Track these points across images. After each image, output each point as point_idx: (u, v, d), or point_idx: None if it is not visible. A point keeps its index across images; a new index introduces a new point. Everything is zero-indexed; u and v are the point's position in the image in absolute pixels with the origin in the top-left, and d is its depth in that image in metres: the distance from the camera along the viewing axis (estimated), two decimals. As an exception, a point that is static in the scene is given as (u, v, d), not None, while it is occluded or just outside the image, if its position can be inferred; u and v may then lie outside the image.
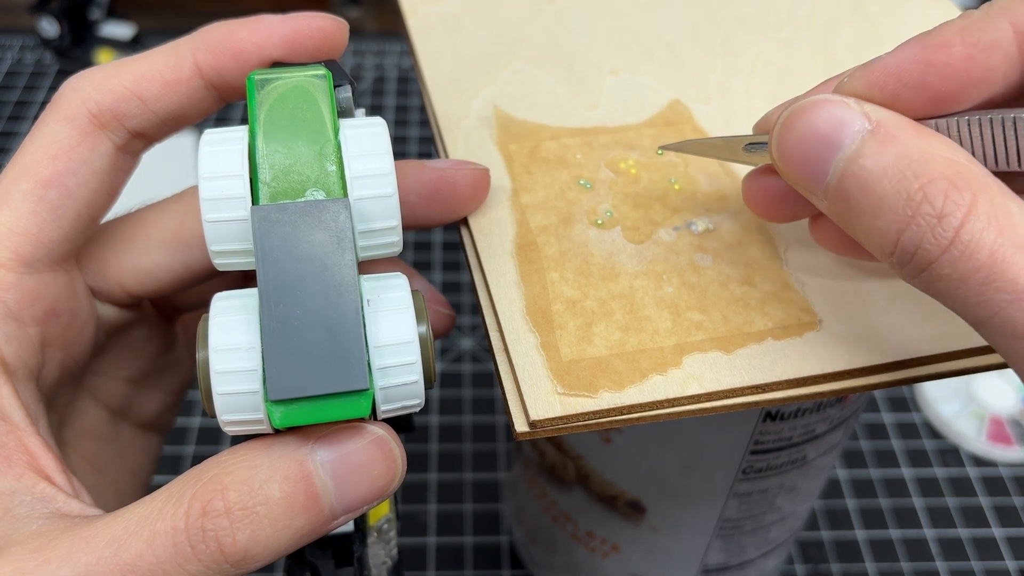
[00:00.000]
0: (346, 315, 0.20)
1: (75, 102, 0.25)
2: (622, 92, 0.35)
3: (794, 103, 0.22)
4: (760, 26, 0.38)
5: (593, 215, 0.30)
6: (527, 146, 0.32)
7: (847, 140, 0.20)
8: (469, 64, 0.36)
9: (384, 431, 0.22)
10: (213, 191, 0.22)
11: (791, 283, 0.27)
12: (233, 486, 0.20)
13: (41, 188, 0.24)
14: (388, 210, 0.23)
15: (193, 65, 0.25)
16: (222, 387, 0.20)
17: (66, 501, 0.22)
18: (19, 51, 0.80)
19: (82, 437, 0.29)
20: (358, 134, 0.23)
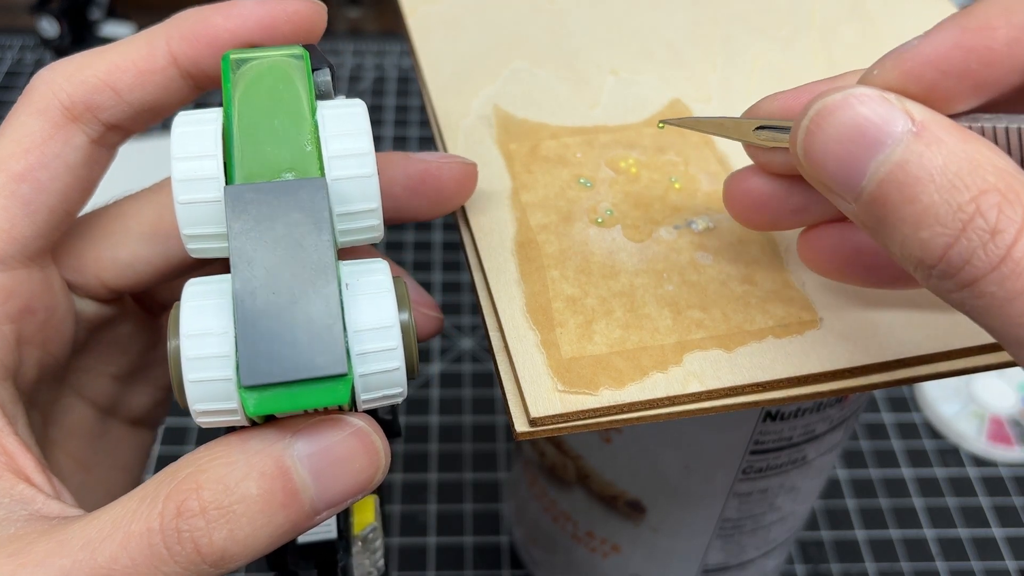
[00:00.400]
0: (323, 297, 0.20)
1: (47, 94, 0.24)
2: (622, 91, 0.35)
3: (823, 94, 0.20)
4: (760, 25, 0.38)
5: (593, 213, 0.30)
6: (527, 145, 0.32)
7: (889, 141, 0.19)
8: (469, 63, 0.36)
9: (365, 422, 0.21)
10: (186, 172, 0.21)
11: (792, 281, 0.27)
12: (208, 484, 0.20)
13: (13, 183, 0.23)
14: (367, 191, 0.22)
15: (167, 54, 0.24)
16: (193, 374, 0.19)
17: (45, 502, 0.21)
18: (19, 51, 0.80)
19: (69, 435, 0.28)
20: (336, 114, 0.22)
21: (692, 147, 0.32)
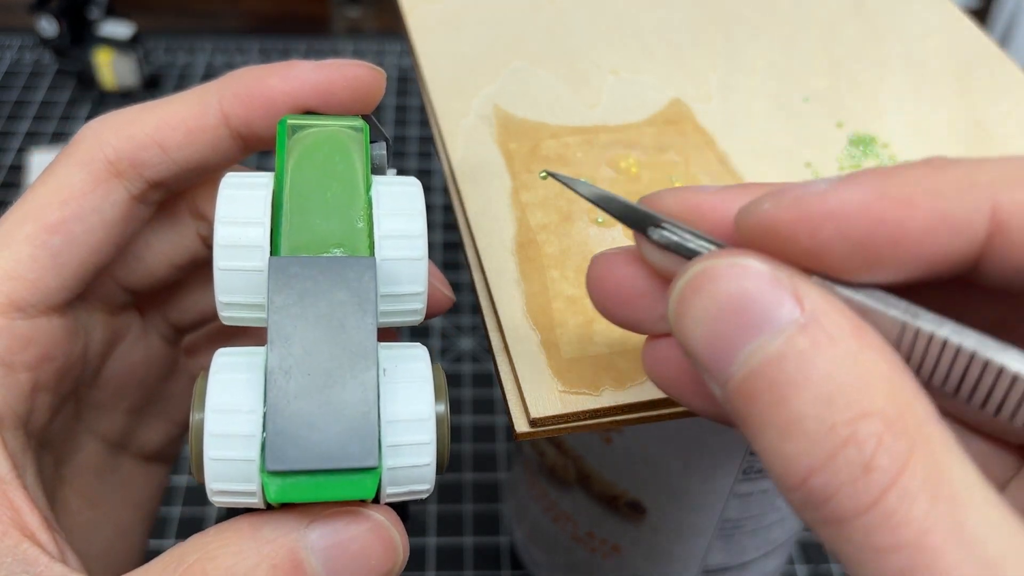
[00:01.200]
0: (361, 384, 0.19)
1: (93, 147, 0.23)
2: (622, 90, 0.35)
3: (707, 257, 0.17)
4: (761, 24, 0.38)
5: (593, 213, 0.30)
6: (527, 144, 0.32)
7: (768, 327, 0.15)
8: (469, 63, 0.36)
9: (385, 516, 0.20)
10: (230, 237, 0.20)
11: (793, 281, 0.27)
12: (215, 574, 0.19)
13: (45, 233, 0.23)
14: (416, 274, 0.21)
15: (219, 113, 0.24)
16: (215, 451, 0.19)
17: (49, 566, 0.21)
18: (18, 51, 0.80)
19: (80, 473, 0.28)
20: (391, 192, 0.22)
21: (693, 147, 0.32)
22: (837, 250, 0.16)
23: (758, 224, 0.17)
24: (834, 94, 0.35)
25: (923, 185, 0.15)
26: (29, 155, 0.68)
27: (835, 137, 0.33)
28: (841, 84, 0.35)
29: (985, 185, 0.15)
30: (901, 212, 0.15)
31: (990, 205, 0.15)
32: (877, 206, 0.15)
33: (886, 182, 0.16)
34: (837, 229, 0.16)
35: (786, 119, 0.34)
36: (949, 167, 0.16)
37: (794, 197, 0.16)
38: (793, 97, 0.35)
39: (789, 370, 0.15)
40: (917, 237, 0.15)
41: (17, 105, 0.74)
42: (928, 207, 0.15)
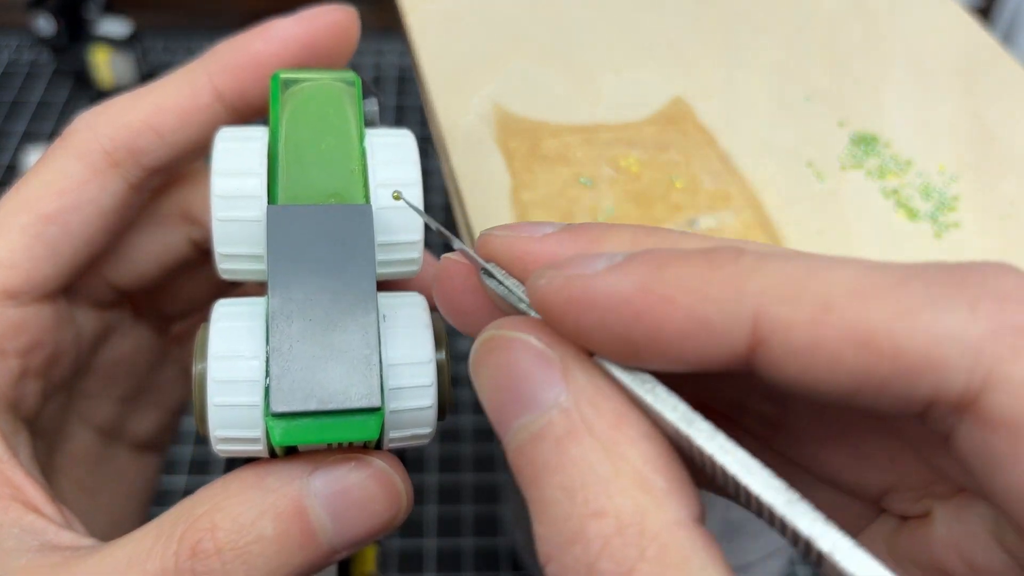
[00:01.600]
0: (362, 327, 0.19)
1: (88, 138, 0.23)
2: (623, 89, 0.34)
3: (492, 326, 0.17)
4: (762, 23, 0.38)
5: (594, 213, 0.29)
6: (527, 143, 0.32)
7: (534, 407, 0.15)
8: (469, 61, 0.35)
9: (387, 463, 0.20)
10: (227, 188, 0.20)
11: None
12: (223, 524, 0.19)
13: (41, 224, 0.23)
14: (411, 223, 0.21)
15: (211, 90, 0.24)
16: (219, 397, 0.19)
17: (57, 532, 0.21)
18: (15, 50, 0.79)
19: (73, 463, 0.28)
20: (385, 142, 0.22)
21: (694, 145, 0.32)
22: (600, 339, 0.15)
23: (534, 301, 0.16)
24: (836, 93, 0.35)
25: (689, 284, 0.14)
26: (26, 154, 0.67)
27: (837, 136, 0.33)
28: (843, 83, 0.35)
29: (751, 295, 0.14)
30: (660, 311, 0.15)
31: (752, 317, 0.14)
32: (637, 301, 0.15)
33: (656, 275, 0.15)
34: (599, 319, 0.15)
35: (787, 118, 0.33)
36: (726, 266, 0.14)
37: (566, 278, 0.16)
38: (795, 96, 0.34)
39: (545, 453, 0.15)
40: (675, 339, 0.15)
41: (14, 104, 0.74)
42: (688, 310, 0.14)
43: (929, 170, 0.32)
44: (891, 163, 0.32)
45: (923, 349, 0.13)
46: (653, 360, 0.15)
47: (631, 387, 0.15)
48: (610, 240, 0.17)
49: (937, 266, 0.14)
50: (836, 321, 0.13)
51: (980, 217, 0.30)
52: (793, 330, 0.14)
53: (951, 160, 0.32)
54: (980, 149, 0.32)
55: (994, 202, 0.30)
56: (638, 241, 0.17)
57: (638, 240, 0.17)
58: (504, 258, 0.18)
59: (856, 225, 0.29)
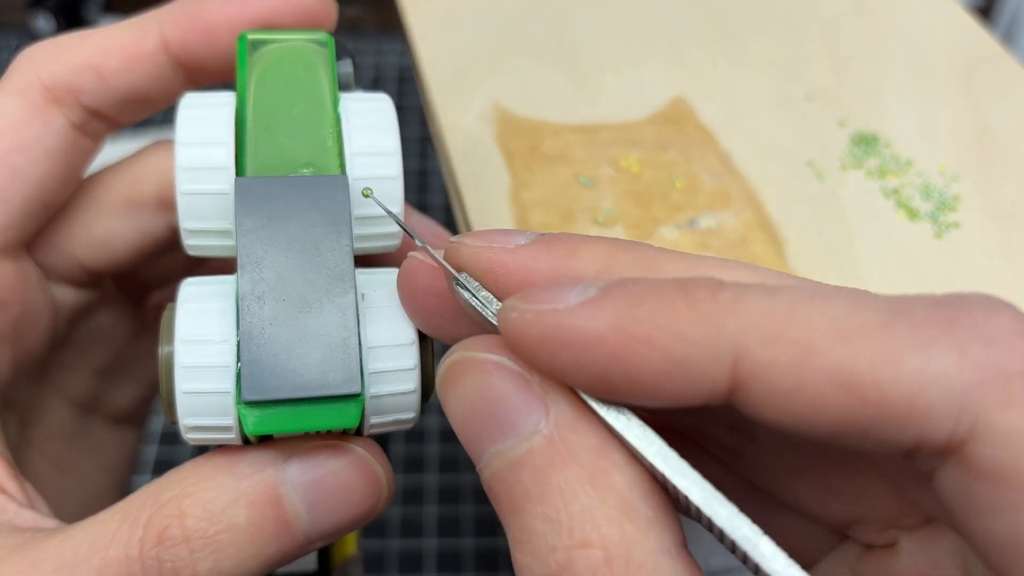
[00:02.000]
0: (339, 307, 0.18)
1: (27, 73, 0.22)
2: (623, 88, 0.34)
3: (461, 347, 0.16)
4: (763, 22, 0.38)
5: (594, 212, 0.29)
6: (528, 143, 0.32)
7: (512, 434, 0.15)
8: (469, 60, 0.35)
9: (367, 449, 0.19)
10: (192, 159, 0.19)
11: (796, 281, 0.27)
12: (192, 511, 0.18)
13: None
14: (390, 194, 0.20)
15: (158, 39, 0.23)
16: (188, 384, 0.17)
17: (17, 512, 0.20)
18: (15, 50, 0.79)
19: (47, 436, 0.27)
20: (361, 107, 0.20)
21: (694, 145, 0.32)
22: (574, 376, 0.15)
23: (504, 331, 0.15)
24: (836, 93, 0.35)
25: (666, 324, 0.14)
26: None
27: (837, 136, 0.33)
28: (843, 83, 0.35)
29: (730, 335, 0.13)
30: (636, 352, 0.14)
31: (732, 358, 0.13)
32: (612, 341, 0.14)
33: (631, 313, 0.14)
34: (572, 357, 0.14)
35: (788, 118, 0.33)
36: (704, 303, 0.14)
37: (536, 313, 0.15)
38: (795, 96, 0.34)
39: (525, 481, 0.15)
40: (651, 379, 0.14)
41: (14, 104, 0.74)
42: (665, 351, 0.14)
43: (930, 170, 0.31)
44: (891, 163, 0.32)
45: (909, 396, 0.13)
46: (628, 397, 0.14)
47: (608, 420, 0.15)
48: (583, 255, 0.16)
49: (925, 302, 0.13)
50: (819, 364, 0.13)
51: (981, 217, 0.30)
52: (774, 372, 0.13)
53: (952, 160, 0.32)
54: (981, 149, 0.32)
55: (995, 202, 0.30)
56: (613, 257, 0.16)
57: (613, 257, 0.16)
58: (475, 269, 0.17)
59: (856, 225, 0.29)
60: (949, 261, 0.28)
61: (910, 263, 0.28)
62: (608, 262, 0.16)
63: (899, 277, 0.28)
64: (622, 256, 0.16)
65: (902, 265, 0.28)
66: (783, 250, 0.28)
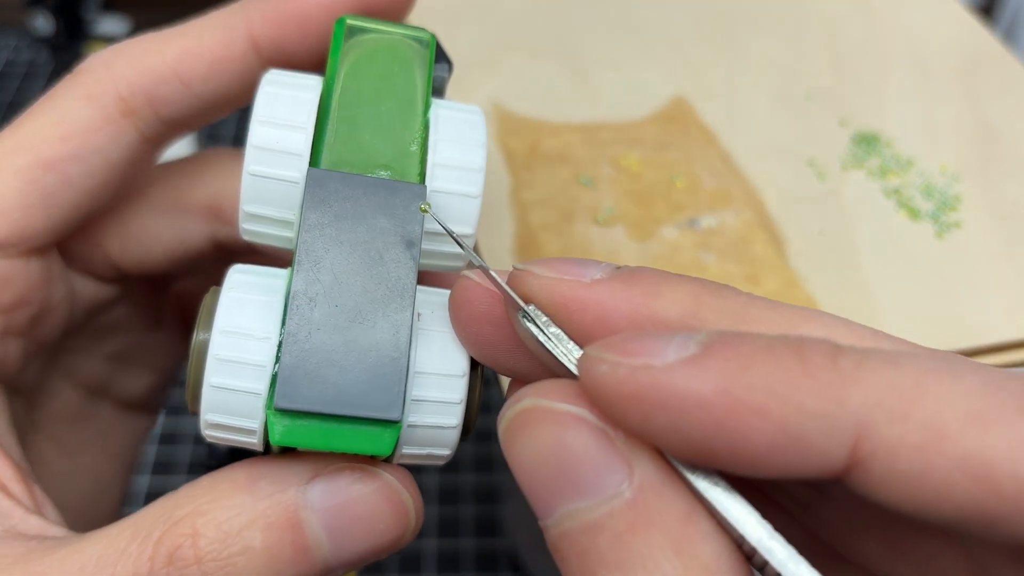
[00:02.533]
0: (393, 324, 0.17)
1: (103, 79, 0.21)
2: (623, 88, 0.34)
3: (525, 395, 0.15)
4: (764, 21, 0.37)
5: (595, 212, 0.29)
6: (527, 142, 0.32)
7: (591, 495, 0.14)
8: (468, 59, 0.35)
9: (396, 477, 0.18)
10: (266, 139, 0.18)
11: (796, 280, 0.27)
12: (206, 531, 0.17)
13: (39, 169, 0.20)
14: (467, 214, 0.19)
15: (248, 38, 0.21)
16: (218, 377, 0.16)
17: (24, 518, 0.19)
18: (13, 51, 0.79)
19: (54, 420, 0.25)
20: (452, 116, 0.19)
21: (695, 144, 0.32)
22: (668, 440, 0.13)
23: (588, 383, 0.14)
24: (837, 92, 0.34)
25: (782, 392, 0.12)
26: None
27: (838, 135, 0.33)
28: (844, 82, 0.35)
29: (855, 409, 0.12)
30: (745, 421, 0.13)
31: (854, 436, 0.12)
32: (719, 407, 0.13)
33: (741, 376, 0.13)
34: (670, 421, 0.13)
35: (788, 117, 0.33)
36: (823, 371, 0.13)
37: (630, 369, 0.13)
38: (795, 95, 0.34)
39: (602, 546, 0.13)
40: (761, 451, 0.13)
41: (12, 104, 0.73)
42: (780, 423, 0.12)
43: (931, 170, 0.31)
44: (892, 162, 0.32)
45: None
46: (728, 467, 0.13)
47: (697, 487, 0.14)
48: (667, 295, 0.15)
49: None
50: (949, 450, 0.12)
51: (982, 217, 0.30)
52: (900, 454, 0.12)
53: (952, 160, 0.32)
54: (982, 149, 0.32)
55: (996, 202, 0.30)
56: (700, 301, 0.15)
57: (700, 300, 0.15)
58: (545, 302, 0.16)
59: (857, 225, 0.29)
60: (951, 261, 0.28)
61: (912, 263, 0.28)
62: (694, 306, 0.15)
63: (901, 277, 0.27)
64: (709, 301, 0.15)
65: (904, 265, 0.28)
66: (784, 250, 0.28)
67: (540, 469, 0.14)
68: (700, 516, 0.14)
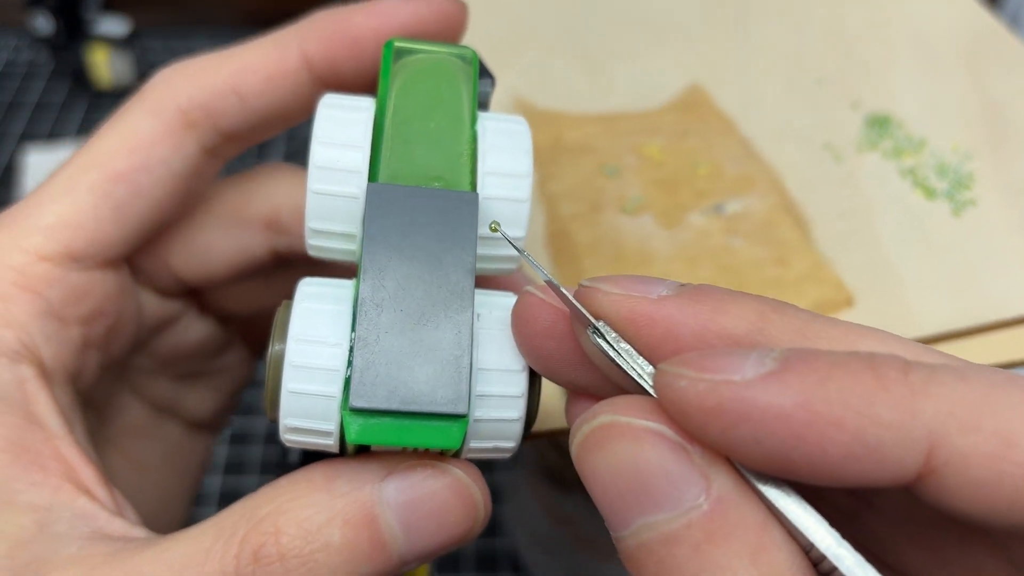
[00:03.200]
0: (455, 324, 0.18)
1: (164, 95, 0.22)
2: (638, 78, 0.35)
3: (602, 410, 0.15)
4: (769, 9, 0.38)
5: (622, 201, 0.30)
6: (550, 135, 0.32)
7: (668, 507, 0.14)
8: (484, 53, 0.36)
9: (465, 472, 0.19)
10: (327, 159, 0.19)
11: (822, 262, 0.28)
12: (287, 529, 0.18)
13: (109, 183, 0.22)
14: (518, 217, 0.20)
15: (301, 56, 0.22)
16: (295, 384, 0.17)
17: (108, 520, 0.20)
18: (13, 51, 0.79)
19: (124, 435, 0.27)
20: (498, 127, 0.20)
21: (714, 132, 0.33)
22: (747, 453, 0.14)
23: (667, 398, 0.15)
24: (846, 76, 0.35)
25: (858, 404, 0.13)
26: (24, 154, 0.67)
27: (851, 118, 0.34)
28: (852, 66, 0.36)
29: (928, 420, 0.13)
30: (824, 432, 0.13)
31: (927, 445, 0.13)
32: (799, 419, 0.13)
33: (819, 390, 0.13)
34: (751, 433, 0.14)
35: (801, 102, 0.34)
36: (896, 384, 0.13)
37: (711, 384, 0.14)
38: (806, 80, 0.35)
39: (680, 557, 0.14)
40: (838, 461, 0.13)
41: (12, 104, 0.73)
42: (856, 432, 0.13)
43: (943, 149, 0.32)
44: (905, 143, 0.33)
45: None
46: (807, 477, 0.14)
47: (770, 497, 0.14)
48: (733, 311, 0.15)
49: None
50: (1020, 457, 0.12)
51: (996, 194, 0.31)
52: (972, 462, 0.13)
53: (964, 139, 0.33)
54: (991, 127, 0.33)
55: (1009, 179, 0.31)
56: (765, 318, 0.15)
57: (765, 317, 0.15)
58: (614, 318, 0.16)
59: (876, 205, 0.30)
60: (970, 238, 0.29)
61: (932, 241, 0.29)
62: (760, 323, 0.15)
63: (922, 255, 0.28)
64: (774, 318, 0.15)
65: (924, 243, 0.29)
66: (809, 232, 0.29)
67: (617, 483, 0.15)
68: (773, 526, 0.14)
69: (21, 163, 0.67)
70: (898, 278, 0.28)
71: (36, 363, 0.21)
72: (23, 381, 0.21)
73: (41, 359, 0.21)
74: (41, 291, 0.21)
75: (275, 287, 0.28)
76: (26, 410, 0.21)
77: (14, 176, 0.67)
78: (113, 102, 0.75)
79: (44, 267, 0.21)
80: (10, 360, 0.21)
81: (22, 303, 0.21)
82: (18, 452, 0.20)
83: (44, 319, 0.21)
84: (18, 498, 0.20)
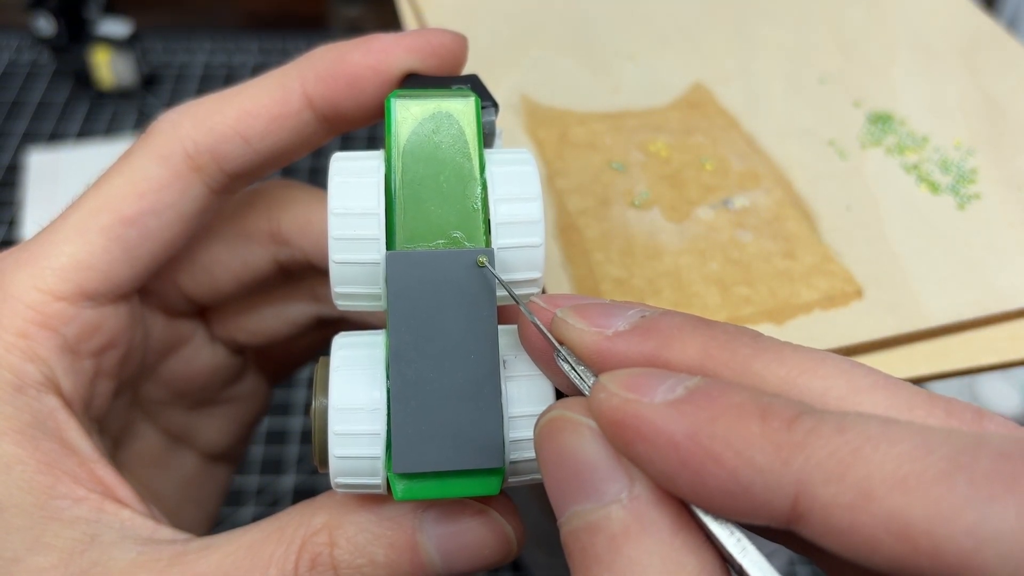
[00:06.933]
0: (484, 383, 0.19)
1: (172, 139, 0.23)
2: (642, 76, 0.35)
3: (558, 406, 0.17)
4: (770, 8, 0.39)
5: (630, 196, 0.30)
6: (556, 132, 0.33)
7: (594, 498, 0.16)
8: (489, 53, 0.36)
9: (501, 508, 0.21)
10: (345, 230, 0.20)
11: (831, 255, 0.28)
12: (340, 542, 0.20)
13: (120, 225, 0.23)
14: (533, 261, 0.20)
15: (302, 96, 0.23)
16: (341, 450, 0.19)
17: (156, 528, 0.21)
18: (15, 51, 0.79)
19: (138, 462, 0.28)
20: (506, 173, 0.21)
21: (719, 128, 0.33)
22: (644, 467, 0.15)
23: (591, 407, 0.16)
24: (848, 74, 0.36)
25: (737, 445, 0.14)
26: (27, 155, 0.67)
27: (854, 116, 0.34)
28: (854, 65, 0.36)
29: (796, 470, 0.14)
30: (705, 465, 0.14)
31: (794, 492, 0.14)
32: (685, 448, 0.14)
33: (708, 425, 0.14)
34: (646, 452, 0.15)
35: (804, 100, 0.35)
36: (778, 433, 0.14)
37: (623, 400, 0.15)
38: (809, 78, 0.35)
39: (598, 546, 0.15)
40: (717, 494, 0.14)
41: (14, 105, 0.74)
42: (732, 471, 0.14)
43: (945, 145, 0.33)
44: (908, 140, 0.33)
45: (962, 552, 0.12)
46: (693, 502, 0.15)
47: (689, 503, 0.15)
48: (678, 348, 0.17)
49: (993, 453, 0.13)
50: (875, 510, 0.13)
51: (999, 189, 0.31)
52: (832, 512, 0.13)
53: (965, 135, 0.33)
54: (992, 123, 0.34)
55: (1011, 173, 0.32)
56: (707, 355, 0.16)
57: (707, 354, 0.16)
58: (576, 348, 0.18)
59: (882, 200, 0.31)
60: (975, 231, 0.29)
61: (938, 235, 0.29)
62: (701, 360, 0.16)
63: (929, 248, 0.29)
64: (716, 355, 0.16)
65: (930, 237, 0.29)
66: (816, 226, 0.29)
67: (558, 471, 0.16)
68: (689, 531, 0.15)
69: (23, 163, 0.67)
70: (906, 270, 0.28)
71: (58, 394, 0.22)
72: (53, 411, 0.22)
73: (61, 391, 0.22)
74: (58, 328, 0.22)
75: (284, 316, 0.29)
76: (59, 436, 0.22)
77: (16, 176, 0.67)
78: (114, 103, 0.75)
79: (60, 306, 0.22)
80: (38, 392, 0.22)
81: (42, 339, 0.22)
82: (58, 475, 0.21)
83: (61, 354, 0.22)
84: (64, 514, 0.21)
